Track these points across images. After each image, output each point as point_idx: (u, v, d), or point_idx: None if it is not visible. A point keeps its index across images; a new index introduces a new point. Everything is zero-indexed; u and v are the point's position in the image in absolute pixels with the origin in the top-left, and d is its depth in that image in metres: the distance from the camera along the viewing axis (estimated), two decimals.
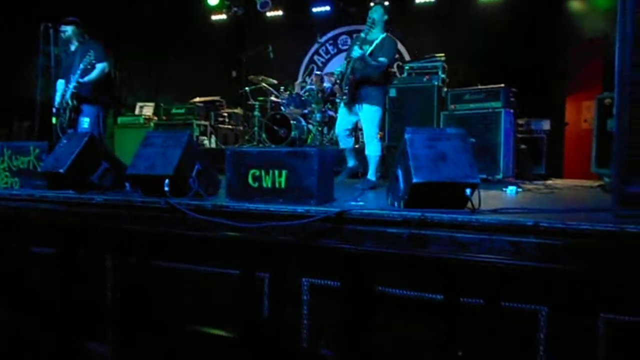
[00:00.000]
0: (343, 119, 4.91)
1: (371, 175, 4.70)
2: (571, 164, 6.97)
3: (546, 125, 6.49)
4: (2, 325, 3.44)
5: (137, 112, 8.71)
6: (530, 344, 2.18)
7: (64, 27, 5.05)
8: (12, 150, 3.87)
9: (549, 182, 5.75)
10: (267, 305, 2.67)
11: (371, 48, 4.60)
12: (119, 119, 8.32)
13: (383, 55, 4.56)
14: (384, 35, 4.70)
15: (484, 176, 5.19)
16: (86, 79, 4.90)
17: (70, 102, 4.91)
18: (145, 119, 8.21)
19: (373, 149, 4.72)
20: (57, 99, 5.09)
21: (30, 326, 3.36)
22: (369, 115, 4.68)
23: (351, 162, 5.03)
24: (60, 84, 5.15)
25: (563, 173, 6.91)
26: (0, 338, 3.48)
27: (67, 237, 3.20)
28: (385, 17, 4.76)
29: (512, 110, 5.56)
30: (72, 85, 4.88)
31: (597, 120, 4.86)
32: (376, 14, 4.68)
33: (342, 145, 5.00)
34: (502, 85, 5.55)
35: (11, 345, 3.43)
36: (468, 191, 2.54)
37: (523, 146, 6.20)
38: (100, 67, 4.97)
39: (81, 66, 4.81)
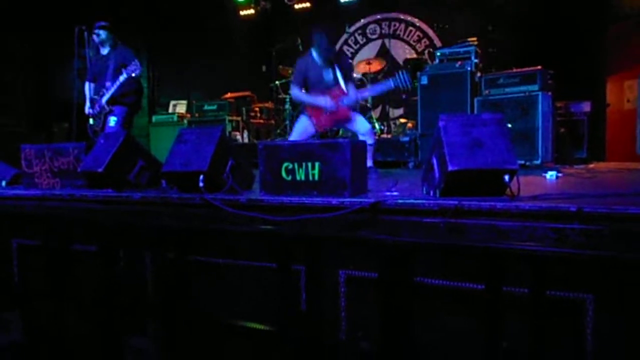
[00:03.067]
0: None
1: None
2: (614, 147, 6.72)
3: (586, 107, 6.27)
4: (48, 317, 3.55)
5: (170, 110, 8.86)
6: (577, 332, 2.11)
7: (97, 31, 5.15)
8: (52, 151, 3.98)
9: (591, 166, 5.56)
10: (304, 298, 2.67)
11: (341, 73, 4.69)
12: (154, 118, 8.48)
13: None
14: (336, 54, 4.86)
15: (523, 162, 5.07)
16: (121, 82, 5.01)
17: (107, 107, 5.03)
18: (178, 116, 8.34)
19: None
20: (88, 103, 5.22)
21: (75, 321, 3.47)
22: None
23: None
24: (88, 87, 5.27)
25: (606, 156, 6.68)
26: (47, 329, 3.60)
27: (107, 235, 3.27)
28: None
29: (549, 93, 5.38)
30: (111, 91, 4.99)
31: None
32: (323, 41, 4.66)
33: None
34: (539, 67, 5.38)
35: (58, 337, 3.55)
36: (507, 177, 2.46)
37: (562, 130, 6.01)
38: (136, 71, 5.06)
39: (122, 77, 4.90)
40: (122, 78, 4.90)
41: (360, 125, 4.75)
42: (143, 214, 3.20)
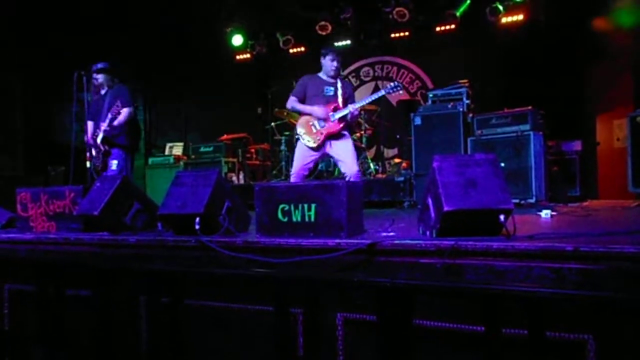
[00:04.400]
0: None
1: None
2: (606, 184, 6.79)
3: (577, 145, 6.37)
4: None
5: (167, 152, 8.91)
6: None
7: (95, 75, 5.23)
8: (48, 195, 3.98)
9: (585, 203, 5.60)
10: (301, 342, 2.63)
11: (342, 91, 4.85)
12: (150, 160, 8.52)
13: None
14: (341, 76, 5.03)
15: (517, 200, 5.09)
16: (115, 123, 5.04)
17: (102, 147, 5.06)
18: (175, 158, 8.38)
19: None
20: (88, 140, 5.25)
21: None
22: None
23: None
24: (90, 125, 5.31)
25: (598, 194, 6.73)
26: None
27: (102, 279, 3.24)
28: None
29: (541, 133, 5.47)
30: (103, 130, 5.03)
31: (631, 139, 4.75)
32: (333, 57, 4.87)
33: None
34: (530, 107, 5.48)
35: None
36: (502, 217, 2.48)
37: (555, 168, 6.07)
38: (126, 111, 5.09)
39: (109, 115, 4.96)
40: (110, 115, 4.96)
41: (348, 151, 4.68)
42: (139, 257, 3.18)
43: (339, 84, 4.84)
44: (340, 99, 4.77)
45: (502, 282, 2.18)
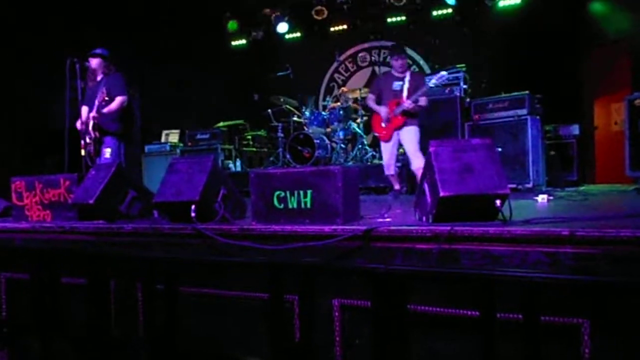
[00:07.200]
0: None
1: None
2: (603, 169, 6.79)
3: (575, 130, 6.35)
4: (34, 356, 3.47)
5: (163, 139, 8.86)
6: (574, 359, 2.08)
7: (89, 59, 5.17)
8: (43, 183, 3.96)
9: (582, 188, 5.60)
10: (298, 328, 2.63)
11: (408, 85, 5.28)
12: (146, 148, 8.47)
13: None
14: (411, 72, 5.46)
15: (514, 185, 5.09)
16: (105, 110, 4.99)
17: (92, 133, 5.00)
18: (171, 146, 8.34)
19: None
20: (78, 125, 5.19)
21: (62, 356, 3.38)
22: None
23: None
24: (84, 110, 5.25)
25: (595, 178, 6.73)
26: None
27: (97, 267, 3.23)
28: None
29: (538, 117, 5.46)
30: (92, 116, 4.98)
31: (629, 122, 4.74)
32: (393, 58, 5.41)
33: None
34: (527, 92, 5.45)
35: None
36: (498, 202, 2.47)
37: (552, 153, 6.07)
38: (119, 99, 5.04)
39: (96, 102, 4.90)
40: (96, 102, 4.91)
41: (408, 141, 5.20)
42: (134, 245, 3.17)
43: (407, 78, 5.32)
44: (405, 93, 5.24)
45: (498, 267, 2.18)
